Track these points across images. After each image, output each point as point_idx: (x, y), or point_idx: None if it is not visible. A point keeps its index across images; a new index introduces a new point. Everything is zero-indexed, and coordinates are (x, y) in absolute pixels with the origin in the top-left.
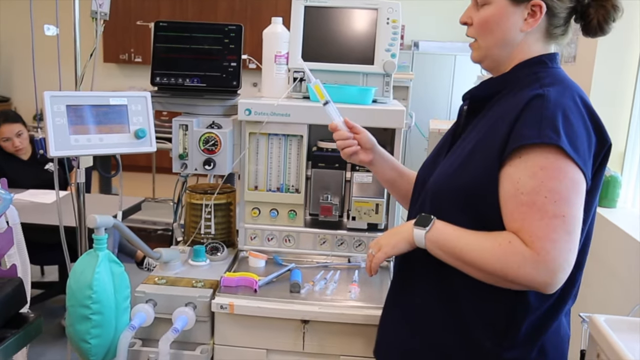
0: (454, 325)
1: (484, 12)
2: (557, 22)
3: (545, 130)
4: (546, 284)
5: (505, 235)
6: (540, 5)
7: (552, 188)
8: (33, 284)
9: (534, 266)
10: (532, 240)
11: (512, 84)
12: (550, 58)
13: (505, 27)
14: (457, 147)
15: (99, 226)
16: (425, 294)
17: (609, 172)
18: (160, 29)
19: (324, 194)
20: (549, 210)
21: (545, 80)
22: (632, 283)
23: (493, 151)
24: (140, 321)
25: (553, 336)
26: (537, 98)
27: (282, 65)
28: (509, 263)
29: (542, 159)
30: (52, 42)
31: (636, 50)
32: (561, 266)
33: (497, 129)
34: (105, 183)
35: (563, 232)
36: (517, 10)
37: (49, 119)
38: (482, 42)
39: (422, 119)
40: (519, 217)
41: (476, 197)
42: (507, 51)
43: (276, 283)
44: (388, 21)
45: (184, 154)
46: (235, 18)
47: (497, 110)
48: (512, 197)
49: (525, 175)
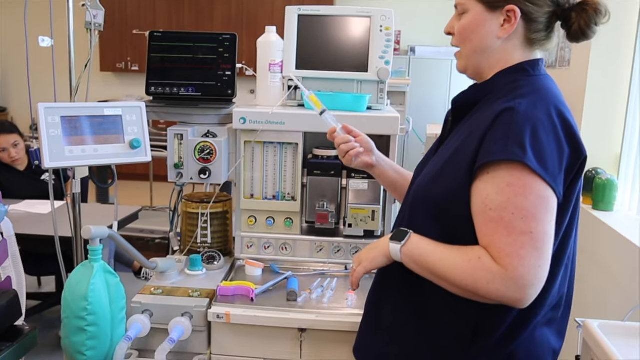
0: (425, 335)
1: (463, 21)
2: (536, 27)
3: (512, 146)
4: (516, 300)
5: (477, 250)
6: (515, 11)
7: (519, 205)
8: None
9: (503, 282)
10: (501, 257)
11: (492, 92)
12: (532, 65)
13: (481, 34)
14: (437, 154)
15: (94, 237)
16: (399, 304)
17: (605, 176)
18: (155, 39)
19: (320, 201)
20: (517, 226)
21: (521, 90)
22: (629, 286)
23: (464, 165)
24: (136, 332)
25: (526, 345)
26: (507, 111)
27: (277, 73)
28: (479, 279)
29: (508, 175)
30: (48, 53)
31: (630, 53)
32: (530, 282)
33: (469, 142)
34: (103, 192)
35: (531, 248)
36: (492, 17)
37: (43, 130)
38: (463, 50)
39: (419, 124)
40: (488, 233)
41: (446, 209)
42: (487, 58)
43: (273, 291)
44: (381, 28)
45: (180, 164)
46: (231, 26)
47: (473, 121)
48: (481, 213)
49: (493, 192)
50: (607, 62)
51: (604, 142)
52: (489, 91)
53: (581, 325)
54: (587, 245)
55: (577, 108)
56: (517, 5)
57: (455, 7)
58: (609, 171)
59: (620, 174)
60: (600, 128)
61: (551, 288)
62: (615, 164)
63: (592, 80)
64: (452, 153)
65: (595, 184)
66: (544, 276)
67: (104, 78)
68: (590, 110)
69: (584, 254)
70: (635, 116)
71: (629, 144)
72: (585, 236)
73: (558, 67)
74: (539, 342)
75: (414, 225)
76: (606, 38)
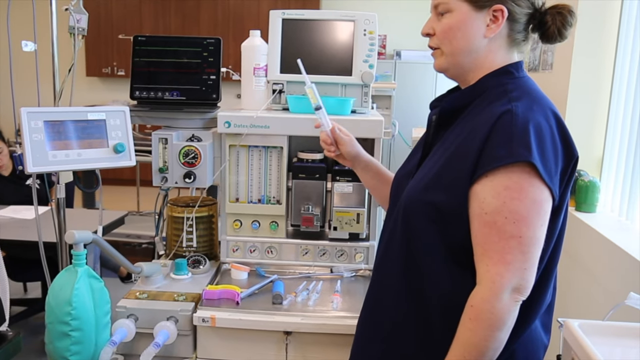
0: (425, 341)
1: (447, 20)
2: (518, 28)
3: (517, 148)
4: (517, 300)
5: (463, 314)
6: (502, 10)
7: (513, 208)
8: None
9: (496, 298)
10: (489, 269)
11: (481, 96)
12: (515, 67)
13: (468, 34)
14: (428, 159)
15: (78, 242)
16: (398, 312)
17: (587, 178)
18: (139, 43)
19: (305, 204)
20: (507, 230)
21: (513, 93)
22: (611, 286)
23: (465, 171)
24: (121, 336)
25: (525, 343)
26: (506, 114)
27: (261, 77)
28: (485, 320)
29: (506, 179)
30: (32, 58)
31: (611, 57)
32: (517, 284)
33: (468, 147)
34: (89, 197)
35: (518, 252)
36: (479, 16)
37: (26, 135)
38: (446, 49)
39: (405, 128)
40: (482, 240)
41: (447, 214)
42: (472, 58)
43: (258, 295)
44: (365, 32)
45: (164, 168)
46: (217, 30)
47: (467, 125)
48: (477, 216)
49: (490, 195)
50: (589, 65)
51: (586, 144)
52: (477, 95)
53: (562, 324)
54: (569, 246)
55: (560, 110)
56: (504, 5)
57: (434, 8)
58: (592, 173)
59: (603, 176)
60: (582, 130)
61: (548, 287)
62: (597, 166)
63: (575, 83)
64: (449, 158)
65: (578, 185)
66: (530, 277)
67: (90, 83)
68: (573, 113)
69: (567, 255)
70: (617, 118)
71: (611, 146)
72: (568, 237)
73: (541, 70)
74: (534, 338)
75: (413, 232)
76: (588, 41)
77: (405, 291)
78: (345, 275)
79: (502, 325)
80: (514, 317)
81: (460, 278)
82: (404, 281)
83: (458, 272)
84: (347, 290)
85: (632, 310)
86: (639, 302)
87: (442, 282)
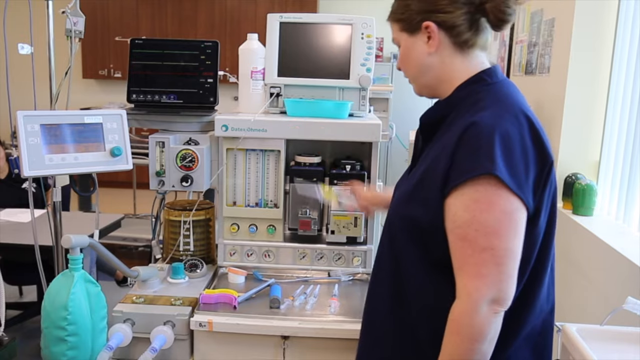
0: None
1: (400, 52)
2: (459, 31)
3: (481, 160)
4: (497, 311)
5: (446, 328)
6: (430, 25)
7: (482, 221)
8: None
9: (475, 311)
10: (465, 283)
11: (456, 108)
12: (488, 73)
13: (416, 57)
14: (413, 172)
15: (74, 246)
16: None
17: (584, 181)
18: (136, 46)
19: (303, 208)
20: (479, 243)
21: (484, 102)
22: (609, 290)
23: (436, 184)
24: (117, 341)
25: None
26: (471, 126)
27: (259, 80)
28: (466, 334)
29: (473, 191)
30: (28, 61)
31: (608, 60)
32: (495, 296)
33: (439, 162)
34: (85, 201)
35: (492, 264)
36: (417, 39)
37: (23, 138)
38: (409, 77)
39: (402, 130)
40: (457, 254)
41: (424, 230)
42: (431, 76)
43: (256, 299)
44: (363, 36)
45: (161, 171)
46: (214, 33)
47: (443, 138)
48: (450, 231)
49: (461, 209)
50: (586, 68)
51: (583, 147)
52: (453, 106)
53: (560, 329)
54: (567, 250)
55: (557, 114)
56: (430, 20)
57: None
58: (589, 176)
59: (600, 179)
60: (579, 134)
61: (537, 295)
62: (594, 169)
63: (572, 86)
64: (424, 172)
65: (575, 189)
66: (507, 288)
67: (86, 85)
68: (570, 116)
69: (564, 259)
70: (614, 122)
71: (608, 149)
72: (566, 241)
73: (538, 73)
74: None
75: (397, 248)
76: (585, 44)
77: (393, 299)
78: (342, 279)
79: (483, 338)
80: (496, 329)
81: (444, 289)
82: (392, 289)
83: (441, 283)
84: (344, 294)
85: (630, 315)
86: (637, 306)
87: (426, 293)
